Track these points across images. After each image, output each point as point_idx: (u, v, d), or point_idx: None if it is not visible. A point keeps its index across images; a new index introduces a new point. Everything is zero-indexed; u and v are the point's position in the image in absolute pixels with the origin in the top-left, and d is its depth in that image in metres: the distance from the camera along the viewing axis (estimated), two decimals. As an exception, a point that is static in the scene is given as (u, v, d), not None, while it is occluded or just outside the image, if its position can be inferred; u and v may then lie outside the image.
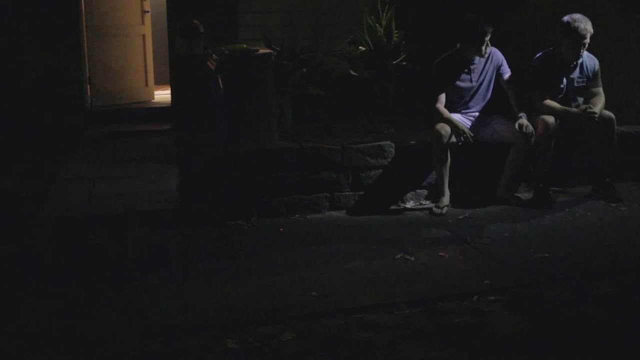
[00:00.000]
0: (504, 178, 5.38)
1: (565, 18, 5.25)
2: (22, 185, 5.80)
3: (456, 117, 5.36)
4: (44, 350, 3.24)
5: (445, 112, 5.31)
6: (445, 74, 5.40)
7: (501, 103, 5.49)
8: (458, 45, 5.42)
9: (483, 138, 5.39)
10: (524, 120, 5.23)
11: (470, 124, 5.42)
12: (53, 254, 4.47)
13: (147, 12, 8.93)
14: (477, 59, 5.41)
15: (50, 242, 4.66)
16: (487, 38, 5.30)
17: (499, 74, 5.47)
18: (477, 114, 5.49)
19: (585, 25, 5.18)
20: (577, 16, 5.22)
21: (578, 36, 5.19)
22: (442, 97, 5.35)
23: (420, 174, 5.44)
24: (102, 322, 3.50)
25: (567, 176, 5.73)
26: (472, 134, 5.24)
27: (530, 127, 5.20)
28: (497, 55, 5.48)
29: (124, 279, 4.03)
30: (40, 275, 4.11)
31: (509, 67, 5.50)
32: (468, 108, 5.48)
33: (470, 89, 5.44)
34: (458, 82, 5.41)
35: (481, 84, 5.46)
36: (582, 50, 5.28)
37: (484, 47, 5.32)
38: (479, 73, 5.43)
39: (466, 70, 5.41)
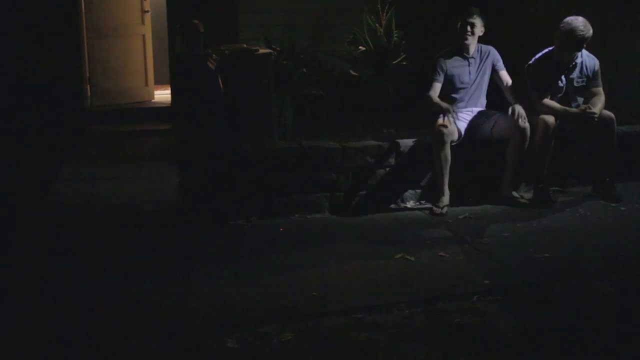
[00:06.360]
0: (506, 176, 5.38)
1: (566, 20, 5.25)
2: (22, 185, 5.81)
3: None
4: (43, 350, 3.24)
5: (435, 97, 5.38)
6: (442, 65, 5.45)
7: (501, 102, 5.50)
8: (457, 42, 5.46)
9: (483, 133, 5.41)
10: (516, 106, 5.26)
11: (469, 119, 5.45)
12: (53, 253, 4.47)
13: (147, 12, 8.94)
14: (474, 54, 5.47)
15: (50, 242, 4.66)
16: (471, 19, 5.37)
17: (494, 70, 5.54)
18: (475, 109, 5.52)
19: (585, 27, 5.19)
20: (578, 18, 5.22)
21: (578, 38, 5.20)
22: (437, 87, 5.42)
23: (420, 173, 5.44)
24: (102, 322, 3.49)
25: (567, 176, 5.73)
26: (455, 111, 5.28)
27: (523, 112, 5.23)
28: (493, 52, 5.57)
29: (124, 278, 4.03)
30: (39, 275, 4.10)
31: (510, 67, 5.52)
32: (465, 104, 5.50)
33: (468, 84, 5.49)
34: (456, 77, 5.46)
35: (479, 80, 5.51)
36: (581, 52, 5.30)
37: (468, 29, 5.37)
38: (476, 68, 5.49)
39: (464, 65, 5.45)
